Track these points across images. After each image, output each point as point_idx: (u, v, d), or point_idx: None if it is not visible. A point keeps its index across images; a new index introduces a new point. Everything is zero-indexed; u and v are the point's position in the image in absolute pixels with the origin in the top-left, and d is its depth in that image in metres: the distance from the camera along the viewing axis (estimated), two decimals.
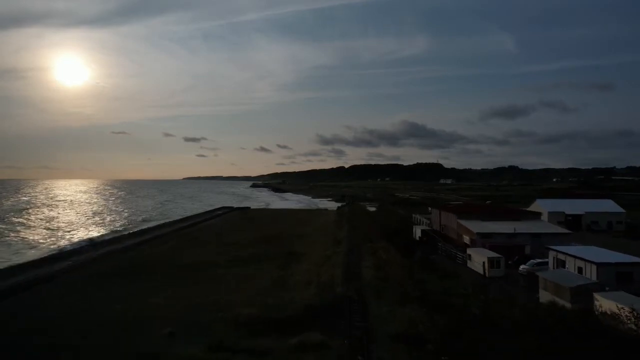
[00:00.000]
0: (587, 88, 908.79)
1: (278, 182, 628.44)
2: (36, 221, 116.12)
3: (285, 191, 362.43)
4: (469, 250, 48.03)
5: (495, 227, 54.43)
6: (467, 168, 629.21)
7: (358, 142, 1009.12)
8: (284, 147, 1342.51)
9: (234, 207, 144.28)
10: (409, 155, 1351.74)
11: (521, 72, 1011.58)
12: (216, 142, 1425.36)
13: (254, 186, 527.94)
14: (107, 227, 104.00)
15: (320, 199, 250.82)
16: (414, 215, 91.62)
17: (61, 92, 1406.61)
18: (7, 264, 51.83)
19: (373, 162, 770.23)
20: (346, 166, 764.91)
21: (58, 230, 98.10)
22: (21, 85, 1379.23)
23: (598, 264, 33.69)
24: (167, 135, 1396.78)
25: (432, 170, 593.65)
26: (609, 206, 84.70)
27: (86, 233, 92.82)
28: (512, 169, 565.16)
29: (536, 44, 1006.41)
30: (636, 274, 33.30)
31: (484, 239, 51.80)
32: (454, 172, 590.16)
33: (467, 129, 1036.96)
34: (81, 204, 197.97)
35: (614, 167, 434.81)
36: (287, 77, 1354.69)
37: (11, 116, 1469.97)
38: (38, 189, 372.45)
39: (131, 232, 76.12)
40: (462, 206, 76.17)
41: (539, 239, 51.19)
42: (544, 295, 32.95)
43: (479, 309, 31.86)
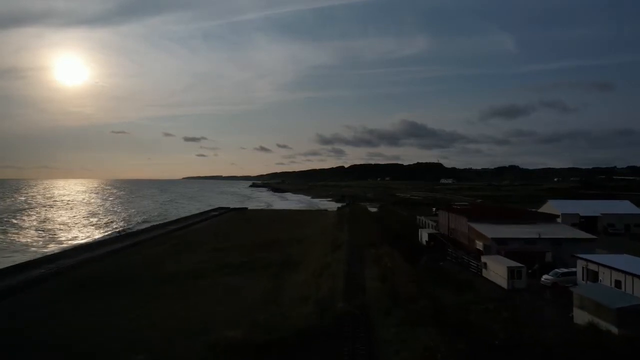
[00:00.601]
0: (587, 88, 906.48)
1: (277, 181, 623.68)
2: (29, 223, 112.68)
3: (285, 191, 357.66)
4: (484, 258, 43.18)
5: (512, 231, 49.59)
6: (468, 168, 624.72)
7: (358, 142, 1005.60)
8: (283, 146, 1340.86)
9: (230, 207, 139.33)
10: (408, 155, 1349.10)
11: (521, 72, 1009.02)
12: (216, 142, 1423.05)
13: (253, 186, 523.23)
14: (100, 229, 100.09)
15: (319, 199, 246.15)
16: (418, 217, 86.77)
17: (61, 91, 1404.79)
18: None
19: (373, 162, 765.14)
20: (346, 166, 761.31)
21: (49, 232, 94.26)
22: (21, 85, 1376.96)
23: None
24: (167, 134, 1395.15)
25: (433, 170, 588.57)
26: (627, 207, 79.92)
27: (76, 236, 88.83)
28: (513, 168, 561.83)
29: (536, 43, 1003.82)
30: None
31: (499, 245, 46.97)
32: (454, 172, 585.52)
33: (467, 128, 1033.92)
34: (79, 204, 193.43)
35: (615, 167, 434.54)
36: (287, 76, 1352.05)
37: (11, 116, 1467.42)
38: (37, 189, 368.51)
39: (117, 236, 71.15)
40: (473, 208, 71.28)
41: (560, 245, 46.40)
42: (580, 315, 28.12)
43: (504, 331, 27.26)
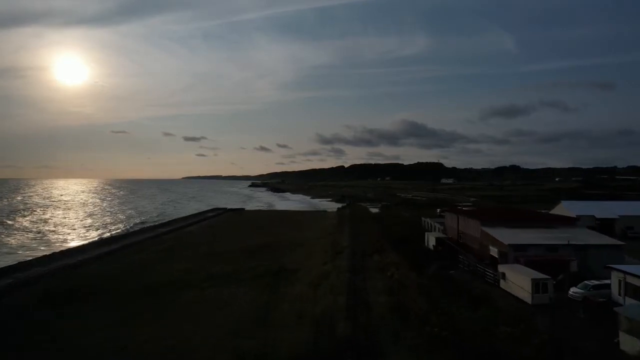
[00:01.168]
0: (588, 87, 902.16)
1: (277, 181, 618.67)
2: (22, 224, 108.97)
3: (284, 191, 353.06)
4: (502, 268, 38.47)
5: (531, 237, 44.86)
6: (468, 167, 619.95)
7: (358, 142, 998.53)
8: (283, 146, 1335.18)
9: (227, 208, 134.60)
10: (408, 155, 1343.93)
11: (521, 72, 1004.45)
12: (216, 142, 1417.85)
13: (252, 186, 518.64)
14: (94, 231, 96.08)
15: (319, 199, 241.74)
16: (424, 220, 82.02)
17: (61, 91, 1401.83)
18: None
19: (373, 162, 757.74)
20: (346, 166, 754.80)
21: (40, 234, 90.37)
22: (21, 85, 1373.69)
23: None
24: (167, 134, 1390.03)
25: (433, 170, 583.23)
26: None
27: (66, 239, 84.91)
28: (514, 168, 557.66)
29: (536, 43, 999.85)
30: None
31: (517, 252, 42.25)
32: (454, 172, 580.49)
33: (467, 128, 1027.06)
34: (76, 205, 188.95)
35: (615, 167, 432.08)
36: (287, 76, 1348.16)
37: (11, 115, 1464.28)
38: (36, 189, 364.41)
39: (101, 240, 66.41)
40: (485, 210, 66.46)
41: (585, 253, 41.72)
42: (629, 342, 23.48)
43: None
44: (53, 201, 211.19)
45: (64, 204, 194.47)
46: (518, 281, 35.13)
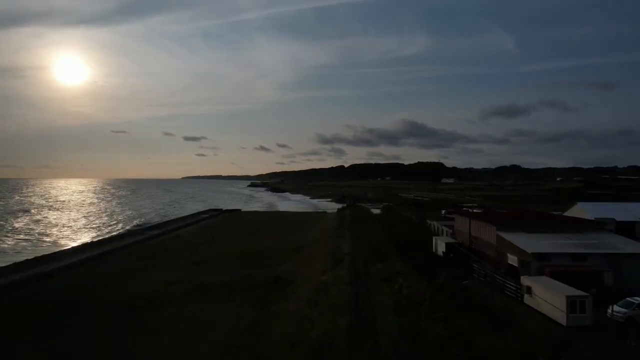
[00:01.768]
0: (588, 87, 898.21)
1: (277, 181, 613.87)
2: (15, 226, 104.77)
3: (284, 191, 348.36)
4: (527, 280, 33.62)
5: (555, 244, 40.04)
6: (469, 167, 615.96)
7: (358, 142, 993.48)
8: (283, 146, 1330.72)
9: (223, 209, 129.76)
10: (409, 155, 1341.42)
11: (521, 72, 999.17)
12: (216, 142, 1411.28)
13: (252, 185, 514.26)
14: (88, 234, 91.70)
15: (319, 200, 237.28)
16: (430, 222, 77.17)
17: (61, 91, 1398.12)
18: None
19: (373, 162, 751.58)
20: (346, 165, 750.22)
21: (31, 237, 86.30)
22: (21, 84, 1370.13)
23: None
24: (167, 134, 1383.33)
25: (433, 170, 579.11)
26: None
27: (56, 241, 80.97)
28: (514, 168, 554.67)
29: (536, 43, 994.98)
30: None
31: (541, 261, 37.45)
32: (455, 172, 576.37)
33: (467, 128, 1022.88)
34: (74, 206, 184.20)
35: (616, 167, 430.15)
36: (287, 76, 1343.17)
37: (11, 115, 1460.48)
38: (35, 190, 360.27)
39: (81, 245, 61.49)
40: (500, 214, 61.45)
41: (618, 263, 36.90)
42: None
43: None
44: (50, 202, 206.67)
45: (62, 205, 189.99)
46: (548, 297, 30.31)
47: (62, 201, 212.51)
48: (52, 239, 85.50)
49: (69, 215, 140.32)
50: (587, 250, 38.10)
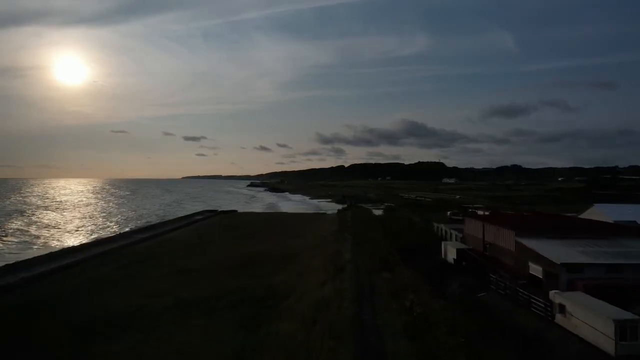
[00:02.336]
0: (588, 87, 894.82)
1: (276, 181, 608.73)
2: (4, 228, 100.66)
3: (284, 191, 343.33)
4: (560, 297, 28.67)
5: (586, 252, 35.09)
6: (469, 167, 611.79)
7: (358, 141, 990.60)
8: (283, 146, 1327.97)
9: (218, 210, 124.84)
10: (409, 155, 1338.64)
11: (521, 71, 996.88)
12: (216, 141, 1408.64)
13: (251, 185, 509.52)
14: (76, 238, 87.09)
15: (319, 200, 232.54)
16: (436, 225, 72.19)
17: (61, 90, 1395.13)
18: None
19: (373, 161, 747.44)
20: (346, 165, 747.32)
21: (14, 239, 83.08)
22: (20, 84, 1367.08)
23: None
24: (167, 134, 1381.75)
25: (434, 170, 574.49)
26: None
27: (41, 245, 77.10)
28: (515, 168, 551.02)
29: (537, 43, 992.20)
30: None
31: (571, 273, 32.54)
32: (456, 172, 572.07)
33: (467, 127, 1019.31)
34: (73, 206, 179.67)
35: (617, 166, 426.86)
36: (287, 75, 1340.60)
37: (11, 115, 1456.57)
38: (34, 190, 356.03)
39: (59, 251, 56.49)
40: (518, 217, 56.09)
41: None
42: None
43: None
44: (46, 202, 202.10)
45: (58, 205, 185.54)
46: (589, 319, 25.40)
47: (59, 202, 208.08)
48: (39, 241, 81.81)
49: (63, 216, 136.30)
50: (627, 261, 33.16)
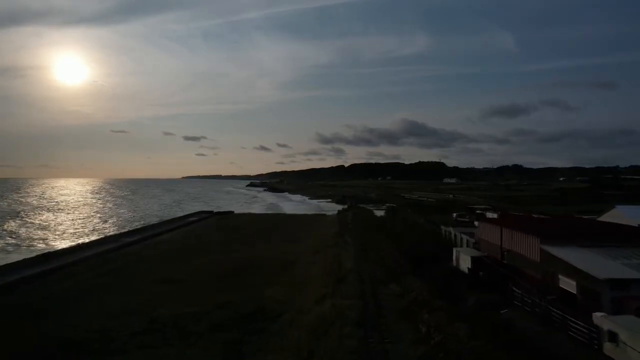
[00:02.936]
0: (589, 87, 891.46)
1: (276, 181, 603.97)
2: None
3: (283, 191, 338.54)
4: (608, 322, 23.76)
5: (632, 265, 30.14)
6: (470, 167, 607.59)
7: (358, 141, 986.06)
8: (283, 146, 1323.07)
9: (213, 211, 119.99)
10: (409, 155, 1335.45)
11: (522, 71, 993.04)
12: (216, 141, 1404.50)
13: (251, 185, 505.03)
14: (67, 240, 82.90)
15: (319, 200, 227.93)
16: (444, 229, 67.23)
17: (60, 90, 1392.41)
18: None
19: (373, 161, 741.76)
20: (346, 165, 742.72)
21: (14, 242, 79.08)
22: (20, 84, 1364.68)
23: None
24: (167, 134, 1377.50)
25: (434, 170, 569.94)
26: None
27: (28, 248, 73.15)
28: (516, 167, 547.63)
29: (537, 42, 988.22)
30: None
31: (616, 290, 27.60)
32: (456, 171, 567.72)
33: (467, 127, 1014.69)
34: (69, 207, 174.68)
35: (617, 166, 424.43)
36: (287, 75, 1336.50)
37: (10, 115, 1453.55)
38: (34, 190, 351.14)
39: (35, 257, 51.65)
40: (542, 220, 50.98)
41: None
42: None
43: None
44: (44, 203, 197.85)
45: (56, 205, 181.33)
46: None
47: (58, 202, 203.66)
48: (26, 244, 77.53)
49: (60, 217, 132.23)
50: None
